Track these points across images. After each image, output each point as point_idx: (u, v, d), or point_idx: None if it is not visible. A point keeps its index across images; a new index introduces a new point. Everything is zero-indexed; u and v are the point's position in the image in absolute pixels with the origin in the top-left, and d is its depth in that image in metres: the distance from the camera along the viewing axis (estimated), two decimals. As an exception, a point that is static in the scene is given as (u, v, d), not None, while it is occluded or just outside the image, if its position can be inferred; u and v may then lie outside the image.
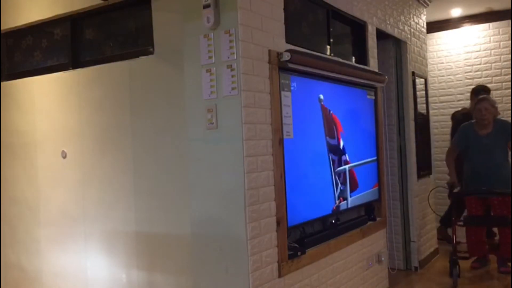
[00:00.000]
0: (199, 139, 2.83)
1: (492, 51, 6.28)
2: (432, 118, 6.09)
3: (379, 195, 4.20)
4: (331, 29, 3.69)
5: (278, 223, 2.88)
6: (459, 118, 5.48)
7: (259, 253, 2.73)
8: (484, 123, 4.67)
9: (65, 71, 3.71)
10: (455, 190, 4.71)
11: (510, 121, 5.02)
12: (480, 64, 6.36)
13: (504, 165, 4.68)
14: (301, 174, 3.16)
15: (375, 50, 4.33)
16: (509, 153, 4.73)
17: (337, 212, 3.54)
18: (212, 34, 2.75)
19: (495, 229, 4.96)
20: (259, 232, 2.74)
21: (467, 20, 6.40)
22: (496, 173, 4.62)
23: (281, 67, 2.93)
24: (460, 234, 4.66)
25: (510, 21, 6.06)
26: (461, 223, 4.64)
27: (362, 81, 3.90)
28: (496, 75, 6.26)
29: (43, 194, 3.84)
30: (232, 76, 2.68)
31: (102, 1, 3.38)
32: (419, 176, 5.10)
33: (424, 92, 5.48)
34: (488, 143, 4.65)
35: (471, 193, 4.70)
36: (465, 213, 4.91)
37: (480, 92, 5.35)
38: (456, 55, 6.50)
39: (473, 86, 6.30)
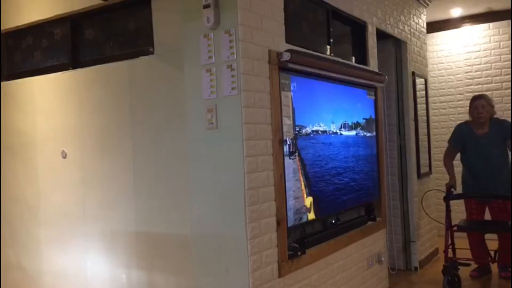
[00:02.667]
0: (199, 139, 2.83)
1: (492, 51, 6.28)
2: (432, 118, 6.09)
3: (379, 195, 4.21)
4: (331, 29, 3.69)
5: (278, 223, 2.87)
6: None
7: (259, 253, 2.73)
8: (480, 121, 4.46)
9: (65, 71, 3.71)
10: (454, 193, 4.48)
11: (508, 120, 4.86)
12: (480, 64, 6.36)
13: (504, 166, 4.47)
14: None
15: (375, 50, 4.33)
16: (509, 153, 4.53)
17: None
18: (212, 34, 2.75)
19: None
20: (259, 232, 2.74)
21: (467, 20, 6.40)
22: (496, 175, 4.42)
23: (281, 67, 2.93)
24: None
25: (510, 21, 6.06)
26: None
27: (362, 81, 3.90)
28: (496, 75, 6.26)
29: (43, 194, 3.84)
30: (232, 76, 2.67)
31: (102, 1, 3.38)
32: (419, 176, 5.10)
33: (424, 92, 5.48)
34: (486, 143, 4.45)
35: (466, 196, 4.52)
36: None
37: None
38: (456, 55, 6.50)
39: (473, 86, 6.32)
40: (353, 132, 3.85)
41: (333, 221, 3.53)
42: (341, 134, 3.67)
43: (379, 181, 4.20)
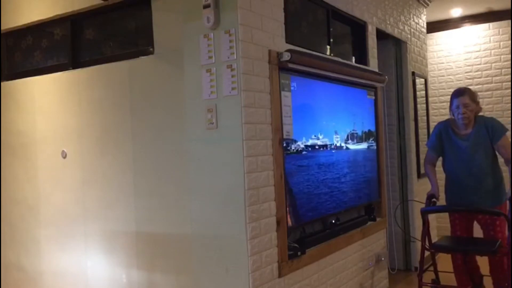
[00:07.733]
0: (199, 139, 2.83)
1: (492, 51, 6.27)
2: (432, 118, 6.08)
3: (379, 195, 4.20)
4: (331, 29, 3.69)
5: (278, 223, 2.88)
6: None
7: (259, 253, 2.73)
8: (463, 122, 3.64)
9: (65, 71, 3.71)
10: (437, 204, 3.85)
11: (500, 118, 4.48)
12: (480, 64, 6.35)
13: (492, 173, 3.66)
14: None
15: (375, 50, 4.33)
16: (498, 157, 3.71)
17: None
18: (212, 34, 2.75)
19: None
20: (259, 232, 2.74)
21: (467, 20, 6.40)
22: (481, 184, 3.64)
23: (281, 67, 2.93)
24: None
25: (510, 21, 6.06)
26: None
27: (362, 81, 3.90)
28: (496, 75, 6.25)
29: (43, 194, 3.83)
30: (232, 76, 2.68)
31: (102, 1, 3.38)
32: (419, 176, 5.10)
33: (424, 92, 5.48)
34: (468, 146, 3.65)
35: (445, 210, 3.95)
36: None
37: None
38: (456, 55, 6.49)
39: (473, 86, 6.31)
40: (360, 146, 3.87)
41: (333, 221, 3.53)
42: (347, 148, 3.69)
43: (379, 181, 4.20)
